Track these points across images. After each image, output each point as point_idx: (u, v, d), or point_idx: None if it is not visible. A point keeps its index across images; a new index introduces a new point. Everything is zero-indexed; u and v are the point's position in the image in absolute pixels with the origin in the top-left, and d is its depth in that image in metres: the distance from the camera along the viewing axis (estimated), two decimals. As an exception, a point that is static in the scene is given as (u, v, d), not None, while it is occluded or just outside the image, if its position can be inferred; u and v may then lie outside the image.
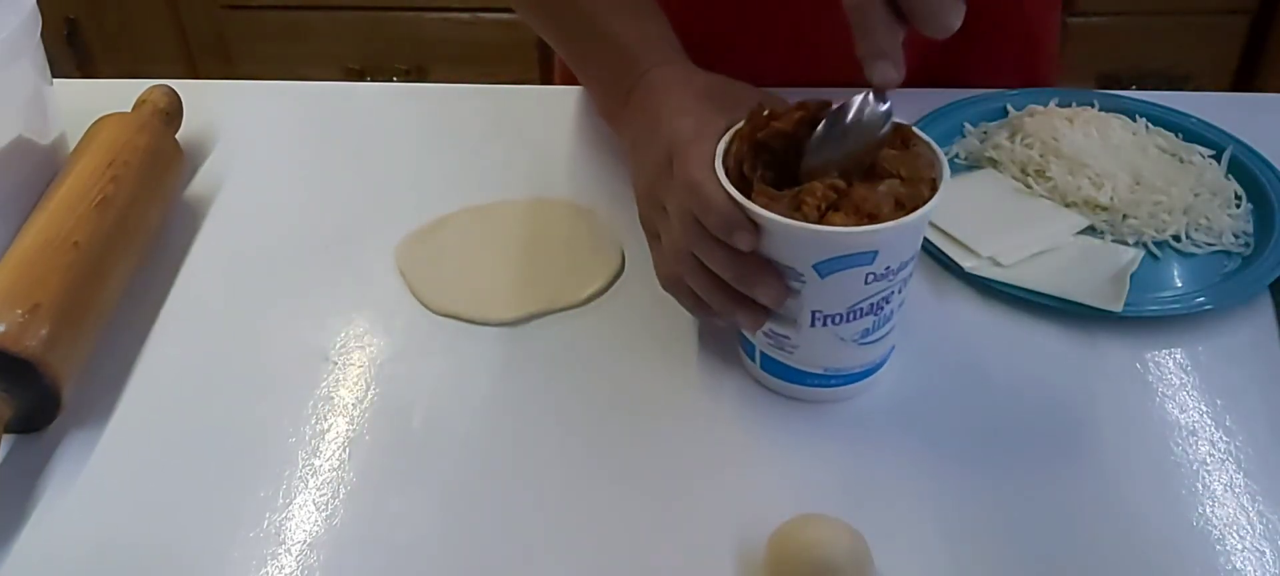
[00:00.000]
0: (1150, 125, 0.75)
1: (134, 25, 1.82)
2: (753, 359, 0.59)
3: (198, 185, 0.75)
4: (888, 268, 0.52)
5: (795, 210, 0.51)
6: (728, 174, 0.53)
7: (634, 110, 0.62)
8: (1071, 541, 0.51)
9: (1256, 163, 0.72)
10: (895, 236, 0.51)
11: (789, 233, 0.51)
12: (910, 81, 0.60)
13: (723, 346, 0.61)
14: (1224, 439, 0.56)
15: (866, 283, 0.52)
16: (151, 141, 0.70)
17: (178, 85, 0.77)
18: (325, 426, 0.58)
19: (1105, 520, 0.52)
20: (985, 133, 0.76)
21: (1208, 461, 0.55)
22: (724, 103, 0.58)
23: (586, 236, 0.69)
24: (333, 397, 0.59)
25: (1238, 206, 0.70)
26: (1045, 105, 0.76)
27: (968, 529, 0.52)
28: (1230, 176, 0.72)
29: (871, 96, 0.52)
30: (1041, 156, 0.72)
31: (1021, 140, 0.73)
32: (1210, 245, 0.67)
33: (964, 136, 0.76)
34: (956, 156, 0.75)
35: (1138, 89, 0.80)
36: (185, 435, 0.58)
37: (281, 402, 0.59)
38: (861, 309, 0.53)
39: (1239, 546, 0.51)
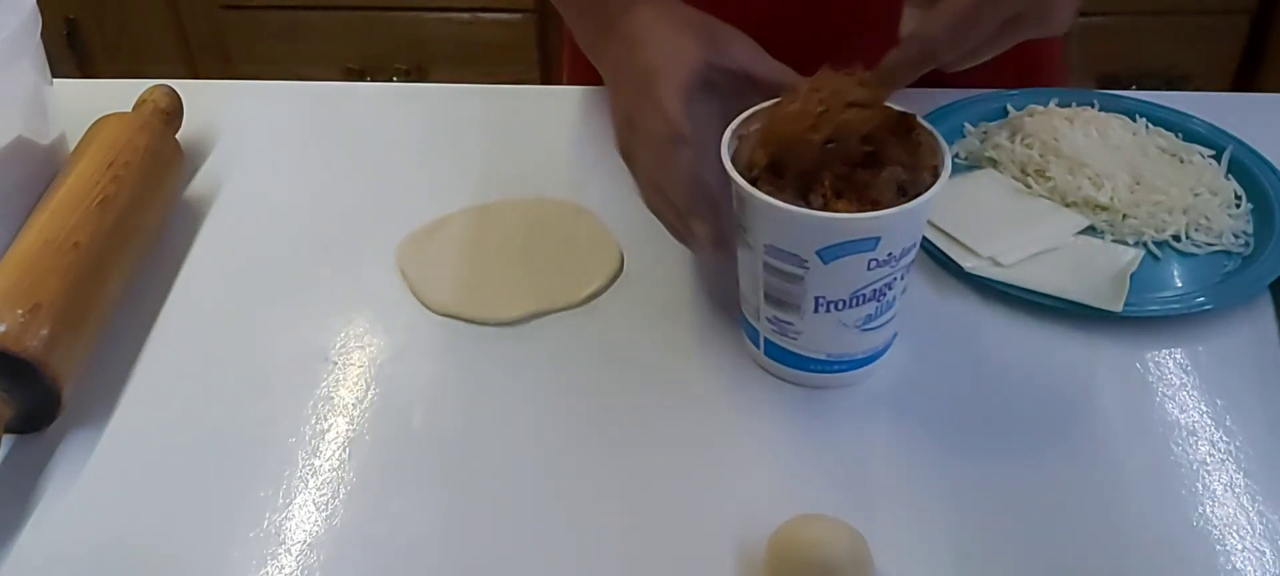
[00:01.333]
0: (1150, 125, 0.75)
1: (134, 25, 1.82)
2: (757, 345, 0.59)
3: (198, 185, 0.75)
4: (890, 254, 0.53)
5: (800, 198, 0.53)
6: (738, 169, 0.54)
7: (615, 41, 0.62)
8: (1071, 541, 0.51)
9: (1256, 163, 0.72)
10: (897, 222, 0.52)
11: (793, 219, 0.52)
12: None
13: (722, 347, 0.61)
14: (1224, 439, 0.56)
15: (869, 268, 0.53)
16: (152, 141, 0.70)
17: (178, 85, 0.77)
18: (325, 426, 0.58)
19: (1105, 520, 0.52)
20: (985, 133, 0.76)
21: (1208, 461, 0.55)
22: (703, 35, 0.58)
23: (586, 236, 0.69)
24: (333, 397, 0.59)
25: (1238, 206, 0.70)
26: (1045, 105, 0.76)
27: (967, 529, 0.52)
28: (1230, 176, 0.72)
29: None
30: (1041, 156, 0.72)
31: (1021, 140, 0.73)
32: (1210, 245, 0.67)
33: (964, 136, 0.76)
34: (957, 156, 0.75)
35: (1138, 89, 0.80)
36: (185, 435, 0.58)
37: (281, 402, 0.59)
38: (864, 294, 0.54)
39: (1239, 546, 0.51)
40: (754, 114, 0.58)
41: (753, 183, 0.53)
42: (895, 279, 0.54)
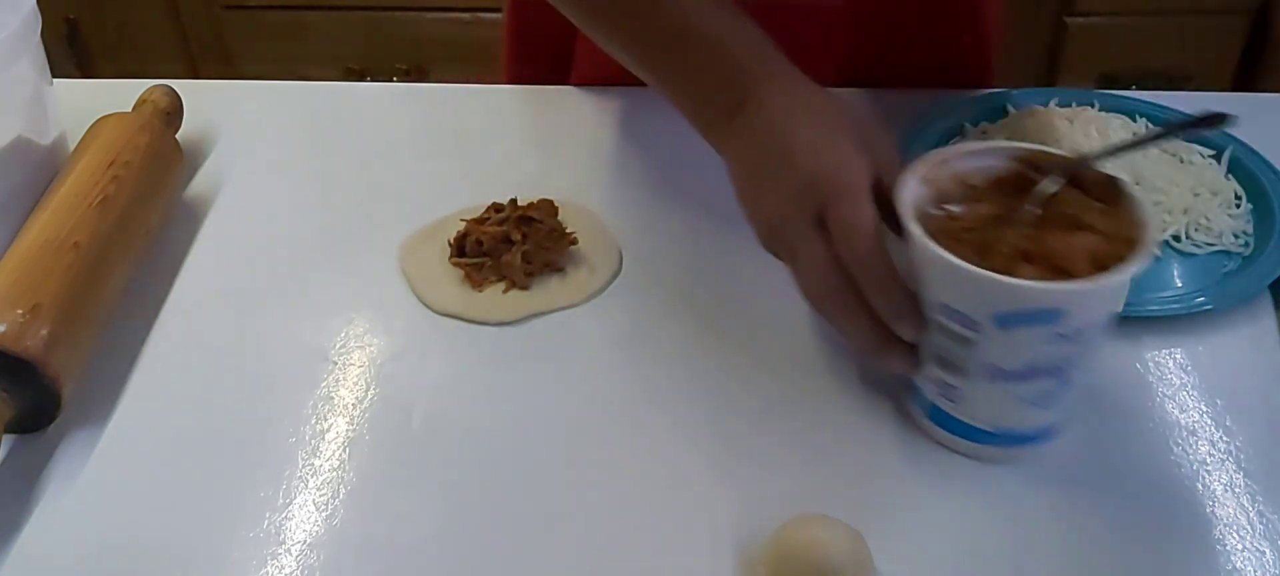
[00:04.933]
0: (1150, 125, 0.75)
1: (134, 25, 1.82)
2: (916, 404, 0.56)
3: (198, 185, 0.75)
4: (1075, 329, 0.48)
5: (981, 255, 0.49)
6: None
7: (749, 131, 0.57)
8: (1071, 541, 0.51)
9: (1256, 163, 0.72)
10: (1086, 297, 0.48)
11: (972, 280, 0.48)
12: (845, 80, 0.59)
13: (721, 347, 0.61)
14: (1224, 439, 0.56)
15: (1048, 342, 0.49)
16: (152, 141, 0.70)
17: (178, 85, 0.77)
18: (325, 426, 0.58)
19: (1105, 520, 0.52)
20: (985, 133, 0.76)
21: (1208, 461, 0.55)
22: (856, 135, 0.55)
23: (586, 236, 0.69)
24: (333, 397, 0.59)
25: (1238, 206, 0.70)
26: (1045, 105, 0.76)
27: (967, 529, 0.52)
28: (1230, 176, 0.72)
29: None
30: (1041, 156, 0.72)
31: (1022, 141, 0.73)
32: (1210, 245, 0.67)
33: (964, 136, 0.76)
34: (957, 156, 0.75)
35: (1138, 89, 0.80)
36: (185, 435, 0.58)
37: (281, 402, 0.59)
38: (1040, 368, 0.50)
39: (1239, 546, 0.51)
40: (927, 160, 0.53)
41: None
42: (1077, 356, 0.50)
